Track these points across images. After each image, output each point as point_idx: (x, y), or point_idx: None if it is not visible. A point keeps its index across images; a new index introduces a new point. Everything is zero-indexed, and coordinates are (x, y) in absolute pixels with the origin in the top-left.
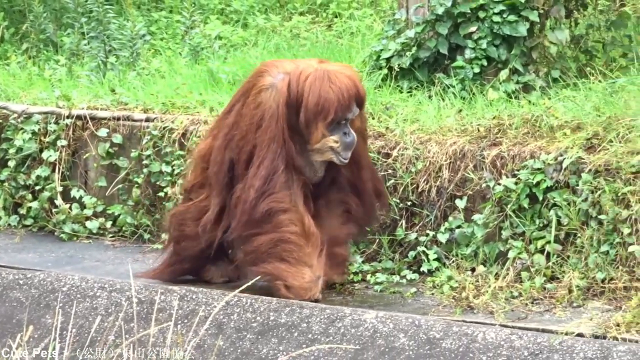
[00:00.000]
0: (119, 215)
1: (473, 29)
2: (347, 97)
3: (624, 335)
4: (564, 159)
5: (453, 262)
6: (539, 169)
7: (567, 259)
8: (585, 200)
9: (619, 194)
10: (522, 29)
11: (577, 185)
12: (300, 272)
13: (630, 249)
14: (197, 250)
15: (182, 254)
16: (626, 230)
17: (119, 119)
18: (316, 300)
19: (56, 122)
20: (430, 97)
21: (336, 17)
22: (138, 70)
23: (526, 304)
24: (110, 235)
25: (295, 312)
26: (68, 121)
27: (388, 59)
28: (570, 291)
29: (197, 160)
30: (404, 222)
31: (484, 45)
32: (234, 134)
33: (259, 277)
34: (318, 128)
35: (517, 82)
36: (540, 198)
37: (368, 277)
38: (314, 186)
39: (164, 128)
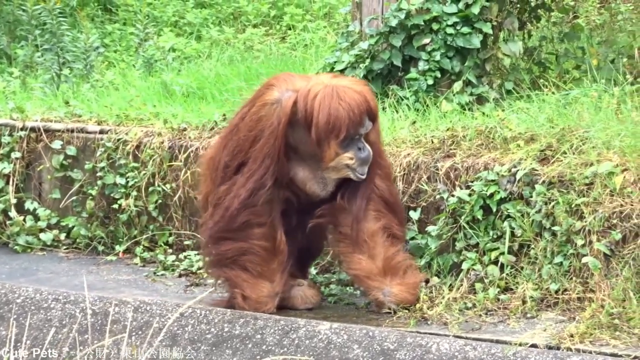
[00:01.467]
0: (73, 227)
1: (426, 40)
2: (358, 113)
3: (578, 346)
4: (518, 170)
5: None
6: (492, 181)
7: (521, 270)
8: (539, 211)
9: (573, 206)
10: (476, 41)
11: (531, 196)
12: (260, 285)
13: (584, 260)
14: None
15: (226, 256)
16: (580, 242)
17: (72, 131)
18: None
19: (10, 134)
20: (384, 108)
21: (290, 29)
22: (92, 83)
23: (480, 315)
24: (64, 247)
25: (250, 324)
26: (22, 133)
27: (342, 71)
28: (524, 302)
29: (207, 170)
30: None
31: (438, 57)
32: (232, 139)
33: (218, 280)
34: (331, 146)
35: (471, 94)
36: (494, 209)
37: (322, 288)
38: (347, 202)
39: (117, 140)
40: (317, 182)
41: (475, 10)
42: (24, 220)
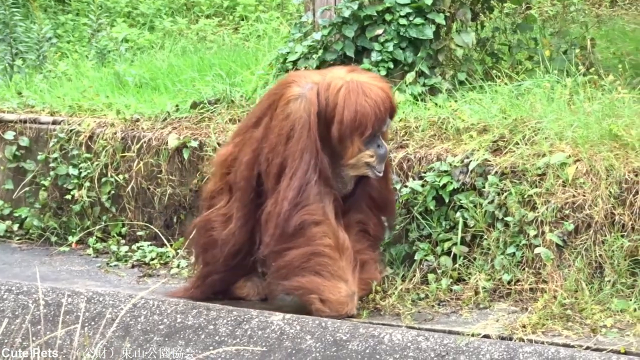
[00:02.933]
0: (26, 217)
1: (379, 31)
2: (384, 110)
3: (530, 337)
4: (471, 161)
5: None
6: (445, 172)
7: (474, 260)
8: (492, 202)
9: (525, 196)
10: (429, 32)
11: (484, 187)
12: (336, 286)
13: (537, 250)
14: (225, 255)
15: (211, 263)
16: (532, 232)
17: (25, 121)
18: (351, 316)
19: None
20: None
21: (243, 20)
22: (45, 73)
23: (433, 306)
24: (17, 237)
25: (202, 314)
26: None
27: (295, 62)
28: (476, 293)
29: (218, 167)
30: None
31: (391, 48)
32: (263, 147)
33: (291, 291)
34: (354, 143)
35: (424, 85)
36: (447, 200)
37: None
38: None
39: (70, 131)
40: (337, 181)
41: (428, 1)
42: None
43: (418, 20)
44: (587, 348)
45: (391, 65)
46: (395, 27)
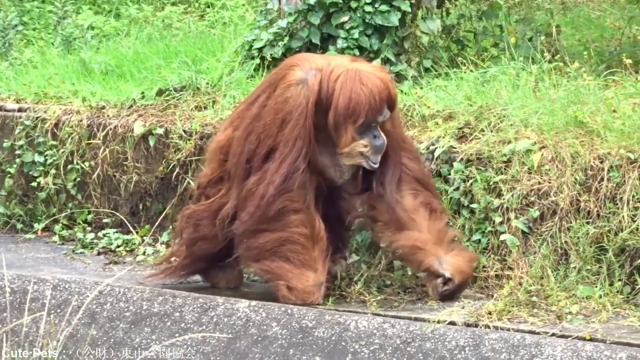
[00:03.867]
0: None
1: (345, 18)
2: (379, 100)
3: (496, 324)
4: (436, 148)
5: None
6: None
7: None
8: (457, 189)
9: (491, 183)
10: (394, 19)
11: (449, 174)
12: (305, 275)
13: (502, 237)
14: (215, 251)
15: (196, 255)
16: (498, 219)
17: None
18: (317, 305)
19: None
20: None
21: (209, 7)
22: (10, 61)
23: (398, 293)
24: None
25: (168, 301)
26: None
27: (260, 49)
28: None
29: (215, 152)
30: None
31: (356, 35)
32: (256, 126)
33: (260, 274)
34: (348, 131)
35: (389, 72)
36: None
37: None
38: (381, 186)
39: (36, 118)
40: (334, 169)
41: None
42: None
43: (384, 8)
44: (553, 335)
45: (357, 52)
46: (360, 14)
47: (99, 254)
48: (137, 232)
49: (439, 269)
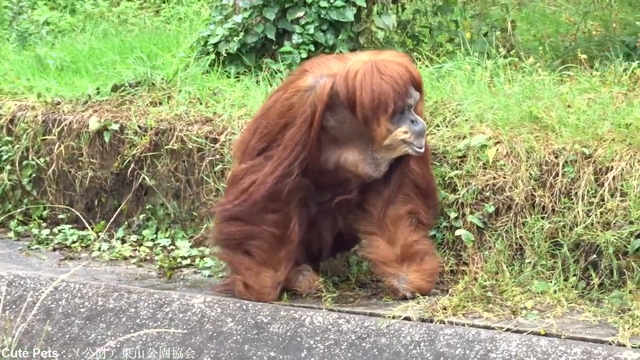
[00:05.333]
0: None
1: (300, 14)
2: (402, 84)
3: (451, 319)
4: None
5: None
6: None
7: None
8: None
9: (446, 178)
10: (349, 14)
11: None
12: (263, 274)
13: (457, 232)
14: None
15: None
16: (453, 215)
17: None
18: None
19: None
20: (257, 82)
21: (164, 2)
22: None
23: (353, 288)
24: None
25: (124, 297)
26: None
27: (216, 45)
28: None
29: (239, 146)
30: None
31: (312, 31)
32: (261, 122)
33: (220, 259)
34: (381, 124)
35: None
36: None
37: (197, 261)
38: (382, 183)
39: None
40: (368, 163)
41: None
42: None
43: (339, 3)
44: (508, 330)
45: (312, 47)
46: (316, 10)
47: (54, 249)
48: (92, 228)
49: (399, 288)
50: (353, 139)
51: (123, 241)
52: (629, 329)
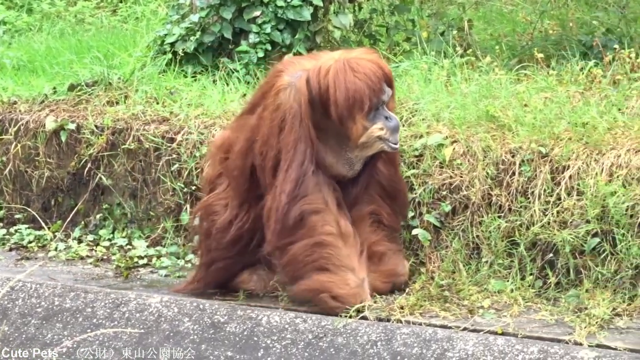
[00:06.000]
0: None
1: (257, 13)
2: (376, 81)
3: (408, 318)
4: None
5: None
6: None
7: None
8: None
9: (403, 177)
10: (306, 14)
11: None
12: (344, 279)
13: (414, 232)
14: (229, 242)
15: (213, 249)
16: (409, 214)
17: None
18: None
19: None
20: (214, 81)
21: (121, 2)
22: None
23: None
24: None
25: (80, 297)
26: None
27: (172, 44)
28: None
29: (216, 151)
30: (188, 206)
31: (268, 30)
32: (256, 139)
33: (302, 295)
34: (357, 122)
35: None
36: None
37: (153, 261)
38: (351, 183)
39: None
40: (342, 163)
41: None
42: None
43: (296, 2)
44: (465, 329)
45: (269, 47)
46: (272, 9)
47: (10, 249)
48: (49, 228)
49: None
50: (328, 139)
51: (80, 241)
52: (585, 327)
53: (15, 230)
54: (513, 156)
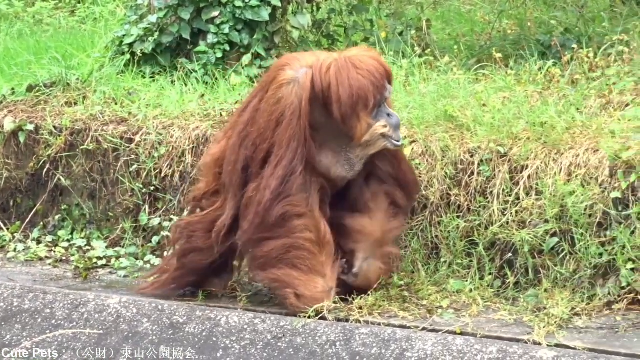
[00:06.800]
0: None
1: (215, 13)
2: (380, 78)
3: (367, 318)
4: None
5: None
6: None
7: None
8: None
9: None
10: (265, 14)
11: None
12: (313, 281)
13: None
14: (207, 263)
15: (188, 267)
16: None
17: None
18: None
19: None
20: (173, 82)
21: (79, 2)
22: None
23: (269, 289)
24: None
25: (39, 298)
26: None
27: (131, 45)
28: None
29: (210, 166)
30: (147, 207)
31: (227, 30)
32: (250, 131)
33: (267, 283)
34: (361, 119)
35: (260, 67)
36: None
37: (112, 261)
38: (350, 182)
39: None
40: (342, 165)
41: None
42: None
43: (254, 2)
44: (424, 329)
45: (227, 47)
46: (231, 9)
47: None
48: (7, 229)
49: (354, 266)
50: (327, 140)
51: (38, 242)
52: (544, 327)
53: None
54: (472, 156)
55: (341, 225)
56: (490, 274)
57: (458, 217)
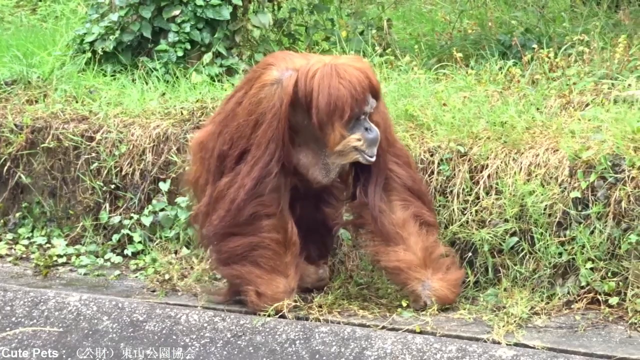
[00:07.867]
0: None
1: (176, 12)
2: (361, 90)
3: (327, 317)
4: None
5: (158, 244)
6: None
7: None
8: None
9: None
10: (226, 13)
11: None
12: (275, 280)
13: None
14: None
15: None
16: None
17: None
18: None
19: None
20: (134, 80)
21: (41, 0)
22: None
23: (229, 284)
24: None
25: None
26: None
27: (92, 43)
28: None
29: (195, 150)
30: (107, 205)
31: (188, 29)
32: (230, 125)
33: (229, 278)
34: (335, 129)
35: (221, 66)
36: None
37: (72, 259)
38: (367, 189)
39: None
40: (319, 168)
41: None
42: None
43: (215, 1)
44: (383, 328)
45: (188, 46)
46: (192, 8)
47: None
48: None
49: (422, 294)
50: (309, 141)
51: None
52: (503, 326)
53: None
54: (432, 155)
55: (379, 264)
56: None
57: None
